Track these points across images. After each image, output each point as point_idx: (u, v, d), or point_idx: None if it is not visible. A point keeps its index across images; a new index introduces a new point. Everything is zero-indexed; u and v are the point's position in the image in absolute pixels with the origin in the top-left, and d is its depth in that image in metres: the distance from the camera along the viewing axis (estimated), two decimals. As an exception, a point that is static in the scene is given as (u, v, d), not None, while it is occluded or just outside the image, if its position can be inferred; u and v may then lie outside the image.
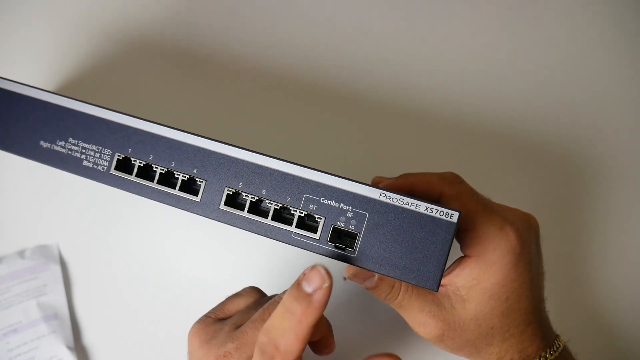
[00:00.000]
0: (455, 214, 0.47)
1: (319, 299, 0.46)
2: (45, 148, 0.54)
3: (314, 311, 0.46)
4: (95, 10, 0.79)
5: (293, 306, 0.46)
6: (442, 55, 0.78)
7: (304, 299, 0.46)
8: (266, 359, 0.48)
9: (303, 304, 0.46)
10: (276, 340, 0.47)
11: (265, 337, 0.48)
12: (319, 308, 0.46)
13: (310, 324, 0.47)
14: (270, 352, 0.47)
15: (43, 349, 0.69)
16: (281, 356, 0.47)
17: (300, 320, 0.46)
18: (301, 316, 0.46)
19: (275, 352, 0.47)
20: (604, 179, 0.74)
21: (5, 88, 0.56)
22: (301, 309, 0.46)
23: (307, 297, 0.46)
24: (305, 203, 0.49)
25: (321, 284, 0.46)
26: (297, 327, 0.46)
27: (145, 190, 0.52)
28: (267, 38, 0.79)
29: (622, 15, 0.79)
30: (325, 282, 0.46)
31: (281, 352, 0.47)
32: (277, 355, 0.47)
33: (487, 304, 0.55)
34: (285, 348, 0.47)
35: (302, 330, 0.47)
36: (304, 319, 0.46)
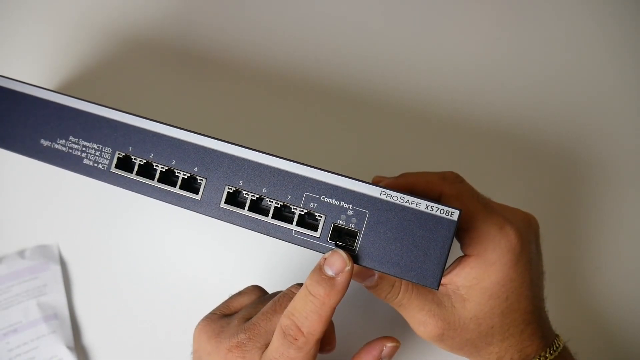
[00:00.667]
0: (455, 212, 0.47)
1: (342, 281, 0.48)
2: (46, 146, 0.54)
3: (336, 293, 0.49)
4: (96, 9, 0.79)
5: (316, 289, 0.48)
6: (442, 55, 0.78)
7: (327, 282, 0.48)
8: (289, 341, 0.50)
9: (326, 286, 0.48)
10: (300, 322, 0.49)
11: (288, 319, 0.50)
12: (341, 290, 0.49)
13: (332, 306, 0.49)
14: (293, 334, 0.49)
15: (43, 349, 0.69)
16: (304, 338, 0.49)
17: (324, 302, 0.48)
18: (324, 298, 0.48)
19: (299, 333, 0.49)
20: (604, 178, 0.74)
21: (6, 86, 0.56)
22: (324, 291, 0.48)
23: (329, 280, 0.48)
24: (305, 201, 0.49)
25: (343, 267, 0.48)
26: (320, 310, 0.49)
27: (145, 188, 0.52)
28: (267, 37, 0.79)
29: (622, 15, 0.79)
30: (347, 265, 0.48)
31: (304, 334, 0.49)
32: (300, 336, 0.49)
33: (487, 304, 0.55)
34: (308, 329, 0.49)
35: (325, 312, 0.49)
36: (327, 301, 0.48)
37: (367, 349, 0.57)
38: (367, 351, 0.57)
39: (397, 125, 0.76)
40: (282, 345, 0.50)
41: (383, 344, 0.57)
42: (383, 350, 0.56)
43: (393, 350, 0.57)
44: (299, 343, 0.49)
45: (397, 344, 0.57)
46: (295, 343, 0.49)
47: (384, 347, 0.56)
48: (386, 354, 0.56)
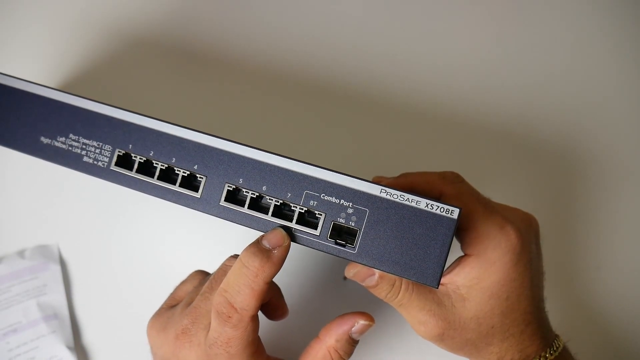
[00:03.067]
0: (455, 211, 0.47)
1: (278, 255, 0.49)
2: (46, 144, 0.54)
3: (271, 266, 0.48)
4: (96, 8, 0.80)
5: (250, 260, 0.48)
6: (443, 54, 0.78)
7: (262, 253, 0.48)
8: (223, 320, 0.49)
9: (261, 258, 0.48)
10: (232, 298, 0.49)
11: (220, 297, 0.50)
12: (276, 264, 0.49)
13: (266, 280, 0.48)
14: (226, 312, 0.49)
15: (43, 349, 0.68)
16: (237, 315, 0.49)
17: (257, 274, 0.48)
18: (258, 270, 0.48)
19: (232, 310, 0.49)
20: (604, 178, 0.74)
21: (7, 84, 0.56)
22: (259, 262, 0.48)
23: (265, 251, 0.48)
24: (305, 199, 0.49)
25: (281, 242, 0.49)
26: (253, 283, 0.48)
27: (145, 186, 0.52)
28: (267, 36, 0.79)
29: (621, 14, 0.79)
30: (285, 241, 0.49)
31: (237, 310, 0.49)
32: (233, 313, 0.49)
33: (487, 303, 0.55)
34: (241, 305, 0.49)
35: (258, 286, 0.48)
36: (260, 273, 0.48)
37: (339, 322, 0.56)
38: (338, 324, 0.55)
39: (397, 125, 0.76)
40: (218, 324, 0.50)
41: (355, 319, 0.55)
42: (354, 326, 0.55)
43: (365, 328, 0.55)
44: (233, 320, 0.49)
45: (370, 322, 0.56)
46: (229, 321, 0.49)
47: (356, 322, 0.55)
48: (357, 330, 0.55)
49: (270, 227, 0.50)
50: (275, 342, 0.68)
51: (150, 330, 0.58)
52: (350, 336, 0.55)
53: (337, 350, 0.55)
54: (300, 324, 0.68)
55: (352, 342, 0.56)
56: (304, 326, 0.68)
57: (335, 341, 0.55)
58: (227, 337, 0.50)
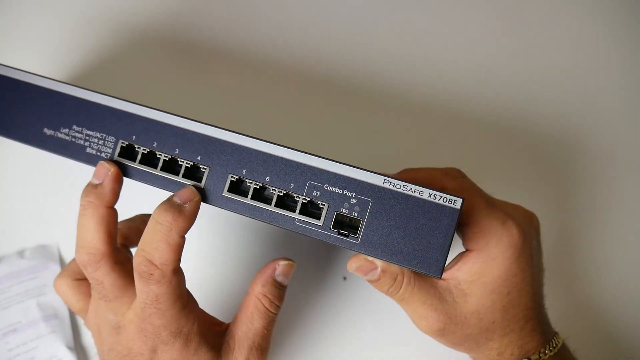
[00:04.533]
0: (458, 201, 0.47)
1: (189, 209, 0.50)
2: (49, 135, 0.54)
3: (184, 219, 0.49)
4: (100, 3, 0.80)
5: (163, 216, 0.49)
6: (446, 51, 0.79)
7: (174, 208, 0.49)
8: (145, 279, 0.50)
9: (173, 212, 0.49)
10: (150, 256, 0.49)
11: (139, 256, 0.50)
12: (189, 217, 0.50)
13: (180, 232, 0.49)
14: (147, 270, 0.50)
15: (43, 349, 0.68)
16: (158, 271, 0.50)
17: (171, 228, 0.49)
18: (171, 224, 0.49)
19: (152, 267, 0.50)
20: (604, 177, 0.74)
21: (11, 76, 0.56)
22: (172, 217, 0.49)
23: (177, 206, 0.49)
24: (308, 190, 0.49)
25: (192, 198, 0.50)
26: (168, 237, 0.49)
27: (148, 177, 0.52)
28: (271, 27, 0.80)
29: (622, 12, 0.80)
30: (195, 197, 0.50)
31: (157, 266, 0.50)
32: (154, 270, 0.50)
33: (488, 298, 0.55)
34: (160, 260, 0.49)
35: (173, 240, 0.49)
36: (174, 227, 0.49)
37: (262, 270, 0.58)
38: (261, 272, 0.58)
39: (400, 121, 0.76)
40: (142, 284, 0.50)
41: (276, 262, 0.57)
42: (276, 269, 0.57)
43: (287, 269, 0.58)
44: (156, 277, 0.50)
45: (291, 262, 0.58)
46: (151, 278, 0.50)
47: (277, 265, 0.57)
48: (280, 272, 0.57)
49: (274, 218, 0.50)
50: (280, 345, 0.68)
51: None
52: (275, 279, 0.57)
53: (265, 294, 0.56)
54: (300, 324, 0.68)
55: (278, 285, 0.57)
56: (304, 326, 0.68)
57: (261, 286, 0.57)
58: (155, 295, 0.50)
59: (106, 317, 0.55)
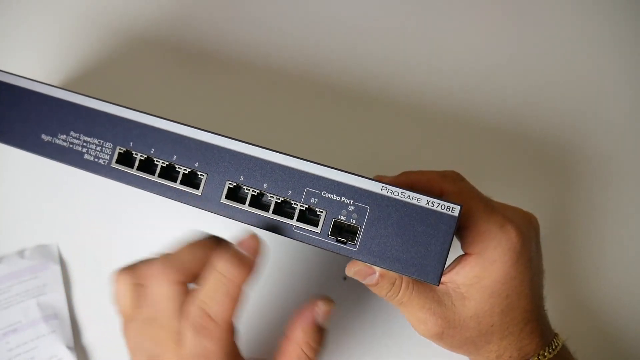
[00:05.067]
0: (456, 208, 0.47)
1: (255, 260, 0.49)
2: (47, 141, 0.54)
3: (247, 271, 0.48)
4: (98, 6, 0.80)
5: (226, 269, 0.48)
6: (444, 54, 0.79)
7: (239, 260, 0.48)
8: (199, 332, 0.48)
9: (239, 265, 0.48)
10: (209, 308, 0.48)
11: (198, 309, 0.48)
12: (252, 268, 0.48)
13: (241, 285, 0.48)
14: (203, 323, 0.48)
15: (43, 349, 0.68)
16: (214, 325, 0.47)
17: (234, 282, 0.48)
18: (234, 277, 0.48)
19: (209, 321, 0.47)
20: (604, 178, 0.74)
21: (8, 82, 0.56)
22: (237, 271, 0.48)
23: (242, 258, 0.48)
24: (306, 197, 0.49)
25: (256, 248, 0.49)
26: (229, 290, 0.48)
27: (146, 183, 0.52)
28: (269, 33, 0.79)
29: (623, 13, 0.80)
30: (260, 246, 0.49)
31: (215, 321, 0.47)
32: (210, 324, 0.47)
33: (487, 302, 0.55)
34: (218, 315, 0.47)
35: (235, 292, 0.48)
36: (236, 280, 0.48)
37: (300, 313, 0.53)
38: (300, 315, 0.53)
39: (398, 124, 0.76)
40: (194, 337, 0.48)
41: (315, 305, 0.53)
42: (316, 312, 0.53)
43: (327, 311, 0.53)
44: (211, 331, 0.48)
45: (330, 303, 0.53)
46: (206, 333, 0.48)
47: (317, 307, 0.53)
48: (321, 316, 0.53)
49: (272, 225, 0.50)
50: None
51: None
52: (316, 324, 0.53)
53: (308, 342, 0.52)
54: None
55: (319, 330, 0.53)
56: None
57: (303, 334, 0.52)
58: (205, 350, 0.48)
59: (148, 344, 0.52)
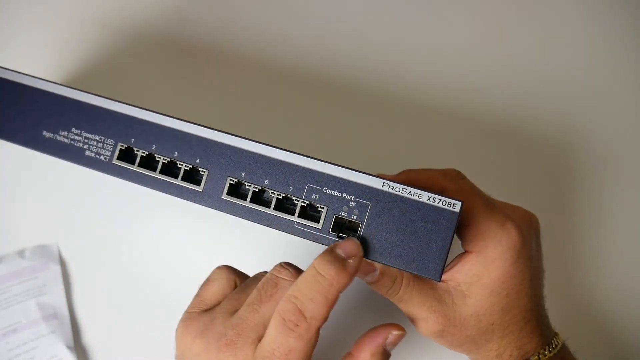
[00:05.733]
0: (457, 204, 0.47)
1: (353, 264, 0.47)
2: (48, 138, 0.54)
3: (346, 275, 0.46)
4: (100, 3, 0.80)
5: (326, 268, 0.46)
6: (445, 53, 0.79)
7: (338, 262, 0.46)
8: (289, 328, 0.46)
9: (337, 266, 0.46)
10: (303, 306, 0.46)
11: (290, 303, 0.46)
12: (352, 273, 0.47)
13: (340, 289, 0.46)
14: (294, 320, 0.46)
15: (43, 349, 0.68)
16: (306, 324, 0.46)
17: (332, 283, 0.46)
18: (333, 279, 0.46)
19: (301, 318, 0.46)
20: (604, 177, 0.74)
21: (10, 79, 0.56)
22: (335, 271, 0.46)
23: (341, 260, 0.46)
24: (307, 193, 0.49)
25: (356, 252, 0.47)
26: (327, 292, 0.46)
27: (147, 180, 0.52)
28: (271, 30, 0.80)
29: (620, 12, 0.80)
30: (360, 252, 0.47)
31: (307, 319, 0.46)
32: (302, 322, 0.46)
33: (487, 300, 0.55)
34: (312, 314, 0.46)
35: (332, 295, 0.46)
36: (335, 282, 0.46)
37: (371, 335, 0.53)
38: (371, 338, 0.52)
39: (398, 122, 0.76)
40: (280, 333, 0.46)
41: (388, 330, 0.52)
42: (388, 338, 0.52)
43: (398, 339, 0.52)
44: (301, 330, 0.46)
45: (403, 332, 0.52)
46: (296, 330, 0.46)
47: (390, 334, 0.52)
48: (391, 342, 0.52)
49: (273, 221, 0.50)
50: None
51: (183, 336, 0.53)
52: (384, 349, 0.52)
53: None
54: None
55: (386, 355, 0.53)
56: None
57: (370, 356, 0.52)
58: (288, 348, 0.46)
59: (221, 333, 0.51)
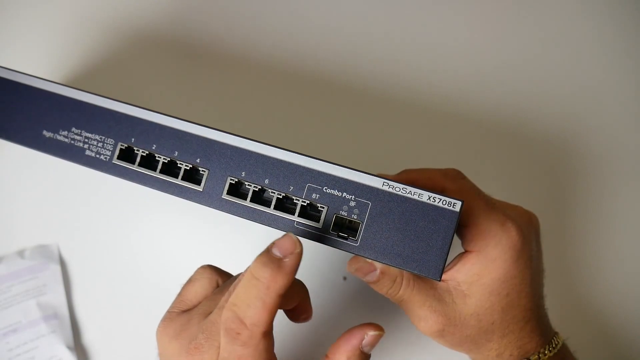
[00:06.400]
0: (458, 203, 0.47)
1: (290, 264, 0.44)
2: (48, 137, 0.54)
3: (283, 276, 0.44)
4: (100, 3, 0.80)
5: (261, 272, 0.44)
6: (444, 53, 0.79)
7: (273, 263, 0.44)
8: (232, 337, 0.45)
9: (272, 268, 0.44)
10: (242, 313, 0.44)
11: (229, 311, 0.45)
12: (289, 273, 0.44)
13: (278, 291, 0.44)
14: (235, 328, 0.45)
15: (43, 349, 0.68)
16: (248, 331, 0.44)
17: (268, 286, 0.44)
18: (269, 282, 0.44)
19: (241, 326, 0.44)
20: (604, 176, 0.74)
21: (10, 78, 0.56)
22: (270, 273, 0.44)
23: (277, 261, 0.44)
24: (308, 192, 0.49)
25: (293, 250, 0.45)
26: (264, 295, 0.44)
27: (147, 179, 0.52)
28: (271, 30, 0.80)
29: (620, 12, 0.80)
30: (297, 248, 0.45)
31: (247, 326, 0.44)
32: (242, 330, 0.44)
33: (487, 300, 0.55)
34: (251, 320, 0.44)
35: (270, 299, 0.44)
36: (272, 285, 0.44)
37: (346, 337, 0.51)
38: (346, 340, 0.50)
39: (398, 122, 0.76)
40: (227, 343, 0.45)
41: (364, 331, 0.50)
42: (364, 339, 0.50)
43: (376, 339, 0.50)
44: (243, 337, 0.45)
45: (380, 332, 0.51)
46: (239, 338, 0.45)
47: (365, 335, 0.50)
48: (368, 343, 0.50)
49: (274, 220, 0.50)
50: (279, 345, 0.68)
51: (161, 336, 0.52)
52: (361, 351, 0.50)
53: None
54: (300, 324, 0.68)
55: (364, 357, 0.51)
56: (303, 327, 0.68)
57: (346, 359, 0.50)
58: (237, 356, 0.45)
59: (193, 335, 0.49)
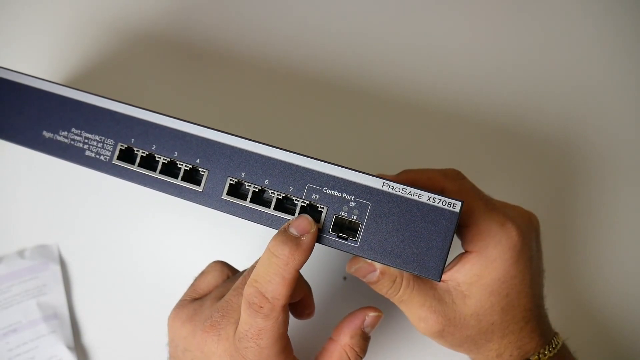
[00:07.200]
0: (457, 204, 0.47)
1: (307, 241, 0.48)
2: (48, 138, 0.54)
3: (301, 253, 0.47)
4: (100, 4, 0.80)
5: (279, 249, 0.47)
6: (445, 53, 0.79)
7: (292, 241, 0.47)
8: (254, 310, 0.48)
9: (290, 245, 0.47)
10: (263, 288, 0.48)
11: (251, 287, 0.48)
12: (306, 250, 0.48)
13: (296, 267, 0.47)
14: (257, 302, 0.48)
15: (43, 349, 0.68)
16: (269, 304, 0.48)
17: (287, 262, 0.47)
18: (288, 258, 0.47)
19: (263, 300, 0.48)
20: (604, 176, 0.74)
21: (10, 79, 0.56)
22: (288, 250, 0.47)
23: (294, 239, 0.48)
24: (307, 193, 0.49)
25: (309, 229, 0.48)
26: (283, 271, 0.47)
27: (147, 180, 0.52)
28: (270, 31, 0.80)
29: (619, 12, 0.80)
30: (313, 227, 0.48)
31: (269, 300, 0.48)
32: (264, 303, 0.48)
33: (487, 300, 0.55)
34: (272, 294, 0.48)
35: (289, 274, 0.47)
36: (291, 261, 0.47)
37: (349, 318, 0.56)
38: (349, 321, 0.56)
39: (398, 122, 0.76)
40: (248, 316, 0.49)
41: (365, 313, 0.56)
42: (365, 320, 0.56)
43: (375, 320, 0.56)
44: (265, 310, 0.48)
45: (379, 313, 0.56)
46: (260, 311, 0.48)
47: (366, 316, 0.56)
48: (369, 324, 0.56)
49: (273, 221, 0.50)
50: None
51: (173, 321, 0.56)
52: (363, 331, 0.56)
53: (352, 347, 0.55)
54: (300, 324, 0.68)
55: (365, 337, 0.56)
56: (304, 326, 0.68)
57: (349, 338, 0.55)
58: (258, 329, 0.49)
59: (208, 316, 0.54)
